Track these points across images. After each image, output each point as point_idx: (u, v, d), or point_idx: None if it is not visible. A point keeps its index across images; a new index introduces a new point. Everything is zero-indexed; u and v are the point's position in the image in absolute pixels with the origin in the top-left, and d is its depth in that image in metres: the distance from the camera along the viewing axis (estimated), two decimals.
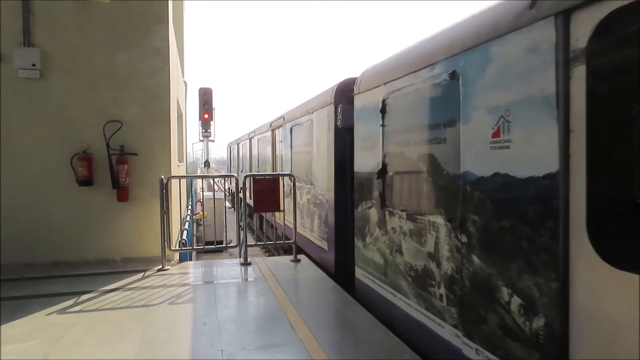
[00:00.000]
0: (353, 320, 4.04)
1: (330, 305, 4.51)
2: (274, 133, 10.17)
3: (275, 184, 6.15)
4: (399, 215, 3.95)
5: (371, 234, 4.54)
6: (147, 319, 3.99)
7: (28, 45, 5.57)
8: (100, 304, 4.37)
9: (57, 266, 5.68)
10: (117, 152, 5.84)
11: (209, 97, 17.39)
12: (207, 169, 21.00)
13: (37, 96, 5.67)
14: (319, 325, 3.85)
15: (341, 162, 5.73)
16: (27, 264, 5.62)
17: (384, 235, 4.24)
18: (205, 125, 18.37)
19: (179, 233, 8.22)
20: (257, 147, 13.13)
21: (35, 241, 5.69)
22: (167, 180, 5.68)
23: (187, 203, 13.42)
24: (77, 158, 5.71)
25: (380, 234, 4.33)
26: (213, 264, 6.14)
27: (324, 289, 4.99)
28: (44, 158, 5.71)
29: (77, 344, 3.46)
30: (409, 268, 3.77)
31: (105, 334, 3.65)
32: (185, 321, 3.96)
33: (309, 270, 5.79)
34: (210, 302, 4.47)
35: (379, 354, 3.35)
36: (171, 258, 6.15)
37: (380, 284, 4.36)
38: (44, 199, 5.72)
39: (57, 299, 4.46)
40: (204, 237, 14.27)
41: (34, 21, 5.61)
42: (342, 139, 5.68)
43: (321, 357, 3.24)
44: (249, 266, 5.92)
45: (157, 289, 4.84)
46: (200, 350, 3.35)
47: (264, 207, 6.25)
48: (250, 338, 3.61)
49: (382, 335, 3.68)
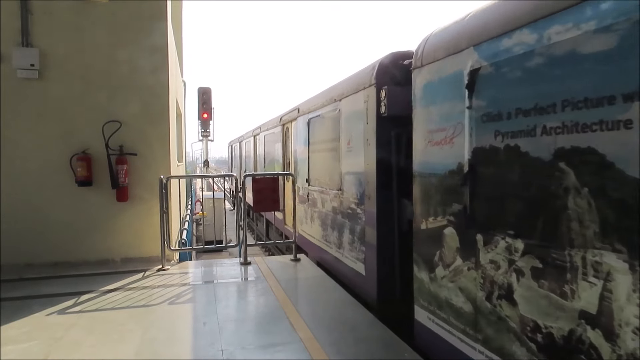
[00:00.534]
0: (353, 319, 4.04)
1: (330, 305, 4.51)
2: (285, 128, 9.01)
3: (275, 183, 6.17)
4: (507, 245, 2.67)
5: (446, 264, 3.28)
6: (147, 319, 3.99)
7: (26, 45, 5.56)
8: (100, 304, 4.37)
9: (57, 266, 5.67)
10: (117, 152, 5.84)
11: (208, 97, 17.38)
12: (206, 169, 20.99)
13: (36, 96, 5.66)
14: (318, 325, 3.86)
15: (386, 162, 4.46)
16: (26, 264, 5.61)
17: (472, 269, 2.98)
18: (204, 124, 18.36)
19: (178, 233, 8.22)
20: (264, 144, 11.84)
21: (35, 241, 5.68)
22: (166, 180, 5.68)
23: (187, 203, 13.42)
24: (77, 158, 5.70)
25: (464, 266, 3.06)
26: (213, 264, 6.14)
27: (324, 288, 4.99)
28: (43, 158, 5.71)
29: (77, 344, 3.46)
30: (533, 329, 2.48)
31: (105, 334, 3.65)
32: (185, 321, 3.96)
33: (308, 270, 5.79)
34: (210, 301, 4.47)
35: (379, 353, 3.35)
36: (171, 258, 6.15)
37: (466, 340, 3.06)
38: (44, 200, 5.72)
39: (57, 299, 4.45)
40: (204, 236, 14.26)
41: (33, 21, 5.60)
42: (387, 131, 4.43)
43: (321, 356, 3.25)
44: (248, 266, 5.92)
45: (157, 289, 4.84)
46: (201, 350, 3.35)
47: (263, 207, 6.27)
48: (250, 337, 3.61)
49: (382, 334, 3.68)
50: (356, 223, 5.06)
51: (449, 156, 3.23)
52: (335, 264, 5.77)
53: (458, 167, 3.12)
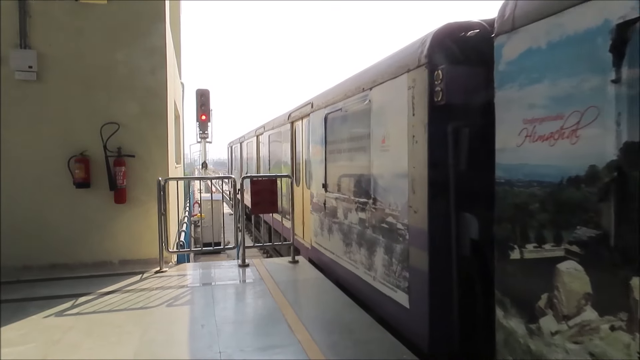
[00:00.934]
0: (351, 321, 4.03)
1: (329, 307, 4.51)
2: (295, 126, 8.05)
3: (273, 185, 6.18)
4: None
5: (563, 315, 2.30)
6: (145, 321, 3.98)
7: (24, 47, 5.55)
8: (98, 306, 4.36)
9: (55, 269, 5.66)
10: (115, 154, 5.83)
11: (206, 99, 17.40)
12: (204, 171, 20.98)
13: (34, 98, 5.65)
14: (317, 327, 3.85)
15: (441, 164, 3.44)
16: (24, 266, 5.59)
17: (622, 330, 1.99)
18: (202, 126, 18.37)
19: (176, 235, 8.21)
20: (268, 145, 10.80)
21: (32, 243, 5.66)
22: (164, 181, 5.68)
23: (185, 205, 13.40)
24: (74, 160, 5.69)
25: (604, 323, 2.08)
26: (211, 266, 6.13)
27: (322, 290, 4.99)
28: (41, 160, 5.69)
29: (75, 346, 3.45)
30: None
31: (103, 336, 3.64)
32: (183, 323, 3.95)
33: (307, 272, 5.78)
34: (208, 303, 4.46)
35: (377, 355, 3.35)
36: (169, 260, 6.14)
37: None
38: (41, 201, 5.70)
39: (55, 302, 4.44)
40: (202, 238, 14.24)
41: (30, 23, 5.59)
42: (443, 124, 3.40)
43: (319, 358, 3.25)
44: (247, 268, 5.92)
45: (155, 291, 4.83)
46: (199, 352, 3.35)
47: (261, 209, 6.27)
48: (248, 340, 3.61)
49: (380, 336, 3.68)
50: (395, 241, 4.04)
51: (570, 156, 2.25)
52: (362, 286, 4.83)
53: (589, 173, 2.15)
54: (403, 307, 3.90)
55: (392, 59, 4.25)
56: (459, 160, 3.36)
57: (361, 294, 4.85)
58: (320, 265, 6.16)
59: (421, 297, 3.62)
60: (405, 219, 3.84)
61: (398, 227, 3.99)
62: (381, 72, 4.38)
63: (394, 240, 4.06)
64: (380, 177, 4.33)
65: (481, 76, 3.18)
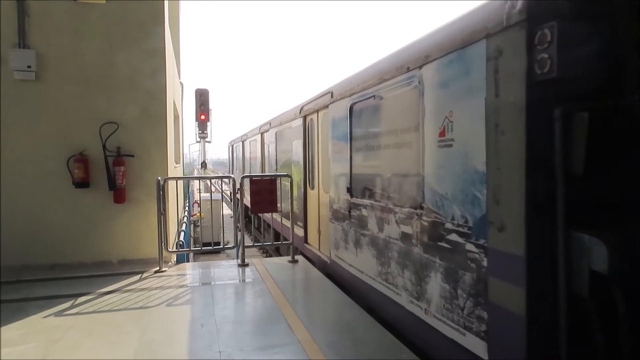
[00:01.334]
0: (351, 320, 4.04)
1: (328, 306, 4.52)
2: (309, 121, 7.13)
3: (273, 184, 6.20)
4: None
5: None
6: (145, 320, 3.99)
7: (23, 46, 5.55)
8: (97, 306, 4.36)
9: (54, 268, 5.66)
10: (114, 153, 5.83)
11: (205, 99, 17.42)
12: (203, 171, 20.98)
13: (33, 98, 5.64)
14: (316, 326, 3.86)
15: (545, 165, 2.44)
16: (23, 266, 5.59)
17: None
18: (201, 126, 18.40)
19: (176, 234, 8.21)
20: (275, 143, 9.68)
21: (32, 243, 5.66)
22: (164, 181, 5.68)
23: (184, 204, 13.40)
24: (74, 160, 5.69)
25: None
26: (210, 265, 6.13)
27: (322, 290, 4.99)
28: (40, 160, 5.69)
29: (74, 346, 3.45)
30: None
31: (103, 336, 3.64)
32: (182, 323, 3.96)
33: (306, 271, 5.79)
34: (208, 303, 4.46)
35: (377, 354, 3.35)
36: (168, 259, 6.14)
37: None
38: (40, 201, 5.70)
39: (54, 302, 4.44)
40: (201, 238, 14.22)
41: (29, 22, 5.59)
42: (548, 107, 2.40)
43: (319, 357, 3.25)
44: (246, 267, 5.92)
45: (154, 291, 4.84)
46: (198, 352, 3.35)
47: (261, 208, 6.28)
48: (248, 339, 3.61)
49: (380, 336, 3.69)
50: (462, 267, 3.04)
51: None
52: (405, 318, 3.83)
53: None
54: (476, 357, 2.90)
55: (453, 25, 3.25)
56: (574, 158, 2.34)
57: (402, 325, 3.89)
58: (343, 284, 5.25)
59: (510, 349, 2.60)
60: (482, 238, 2.84)
61: (468, 248, 2.99)
62: (437, 44, 3.35)
63: (461, 266, 3.05)
64: (437, 180, 3.33)
65: (607, 36, 2.35)
